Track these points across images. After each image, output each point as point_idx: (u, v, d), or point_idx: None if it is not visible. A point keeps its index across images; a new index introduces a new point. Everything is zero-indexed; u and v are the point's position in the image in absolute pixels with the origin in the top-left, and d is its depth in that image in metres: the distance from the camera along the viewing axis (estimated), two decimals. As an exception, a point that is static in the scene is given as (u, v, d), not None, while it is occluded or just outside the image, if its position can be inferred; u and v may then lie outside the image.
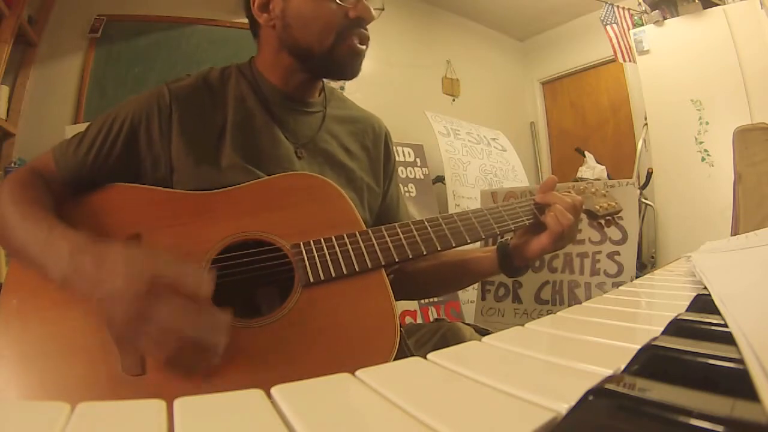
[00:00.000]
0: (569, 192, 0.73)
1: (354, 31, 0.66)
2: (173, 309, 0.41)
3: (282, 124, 0.69)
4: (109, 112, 0.65)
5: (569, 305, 0.60)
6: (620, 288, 0.46)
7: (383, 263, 0.56)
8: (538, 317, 0.32)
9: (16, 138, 1.92)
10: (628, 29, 2.85)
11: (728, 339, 0.20)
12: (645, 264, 2.69)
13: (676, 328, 0.25)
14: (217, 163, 0.63)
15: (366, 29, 0.68)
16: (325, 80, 0.76)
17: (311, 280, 0.52)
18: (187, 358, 0.42)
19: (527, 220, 0.68)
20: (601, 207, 0.75)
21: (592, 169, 3.09)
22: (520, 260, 0.71)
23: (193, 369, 0.44)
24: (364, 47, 0.68)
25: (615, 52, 2.90)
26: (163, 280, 0.42)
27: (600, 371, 0.20)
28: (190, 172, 0.62)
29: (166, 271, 0.43)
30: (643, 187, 2.69)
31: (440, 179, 2.70)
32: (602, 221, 0.77)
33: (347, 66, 0.68)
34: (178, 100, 0.64)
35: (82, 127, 0.66)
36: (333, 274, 0.53)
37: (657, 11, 2.68)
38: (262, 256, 0.55)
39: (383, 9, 0.70)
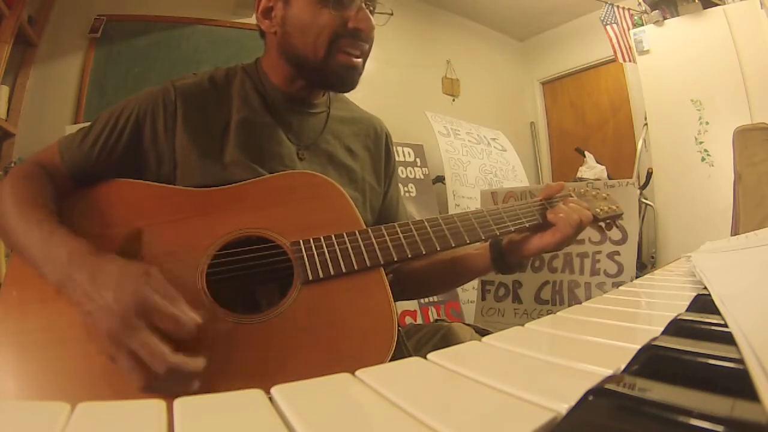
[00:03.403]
0: (571, 195, 0.74)
1: (351, 42, 0.65)
2: (153, 338, 0.41)
3: (285, 126, 0.70)
4: (114, 107, 0.65)
5: (569, 305, 0.60)
6: (620, 288, 0.46)
7: (382, 262, 0.56)
8: (538, 317, 0.32)
9: (16, 138, 1.92)
10: (628, 29, 2.85)
11: (728, 339, 0.20)
12: (645, 264, 2.69)
13: (676, 328, 0.25)
14: (221, 160, 0.63)
15: (366, 40, 0.67)
16: None
17: (310, 277, 0.53)
18: (159, 386, 0.42)
19: (527, 222, 0.69)
20: (602, 210, 0.75)
21: (592, 169, 3.09)
22: (514, 257, 0.71)
23: (168, 392, 0.43)
24: (359, 60, 0.67)
25: (615, 52, 2.89)
26: (151, 303, 0.42)
27: (600, 371, 0.20)
28: (193, 167, 0.62)
29: (156, 296, 0.43)
30: (643, 187, 2.69)
31: (440, 179, 2.70)
32: (603, 224, 0.77)
33: (341, 78, 0.67)
34: (183, 97, 0.65)
35: (81, 127, 0.66)
36: (332, 272, 0.53)
37: (657, 11, 2.68)
38: (262, 252, 0.55)
39: (392, 14, 0.70)
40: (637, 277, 0.70)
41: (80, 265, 0.46)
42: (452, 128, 2.75)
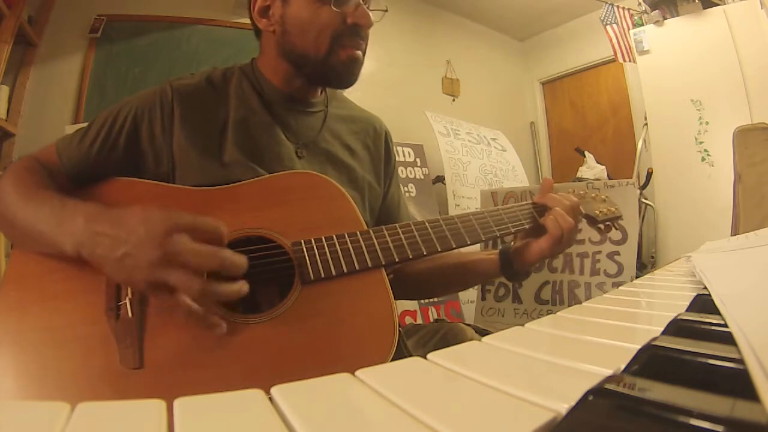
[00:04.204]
0: (569, 194, 0.74)
1: (351, 37, 0.65)
2: (196, 245, 0.44)
3: (283, 125, 0.70)
4: (112, 107, 0.65)
5: (569, 305, 0.60)
6: (620, 288, 0.46)
7: (383, 263, 0.56)
8: (538, 317, 0.32)
9: (16, 138, 1.92)
10: (628, 29, 2.85)
11: (728, 339, 0.20)
12: (645, 264, 2.69)
13: (676, 328, 0.25)
14: (220, 159, 0.63)
15: (364, 36, 0.67)
16: None
17: (311, 277, 0.53)
18: (213, 294, 0.45)
19: (527, 223, 0.69)
20: (600, 212, 0.75)
21: (592, 169, 3.09)
22: (521, 264, 0.71)
23: (219, 304, 0.47)
24: (360, 52, 0.67)
25: (615, 52, 2.89)
26: (181, 223, 0.45)
27: (600, 371, 0.20)
28: (192, 167, 0.62)
29: (184, 217, 0.46)
30: (643, 187, 2.69)
31: (440, 179, 2.70)
32: (602, 226, 0.76)
33: (343, 74, 0.67)
34: (180, 97, 0.65)
35: (81, 127, 0.66)
36: (333, 272, 0.53)
37: (657, 11, 2.68)
38: (263, 253, 0.55)
39: (386, 10, 0.70)
40: (637, 277, 0.70)
41: (100, 220, 0.48)
42: (452, 128, 2.75)
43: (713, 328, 0.24)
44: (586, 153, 3.20)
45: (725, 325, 0.23)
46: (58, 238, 0.49)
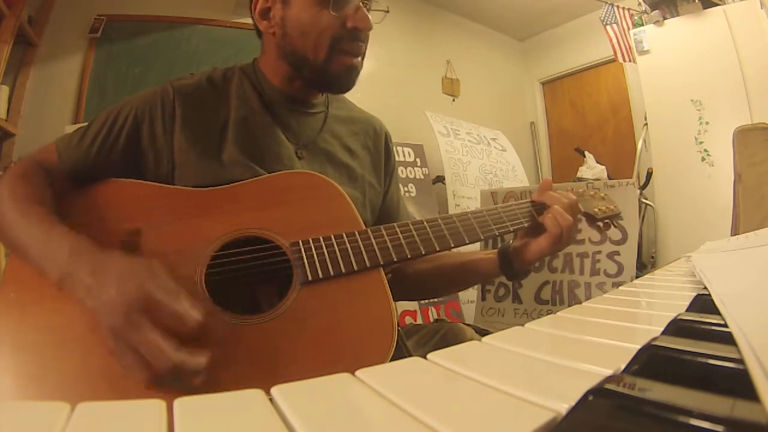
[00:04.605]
0: (568, 192, 0.74)
1: (351, 41, 0.65)
2: (153, 338, 0.40)
3: (284, 125, 0.70)
4: (112, 107, 0.65)
5: (569, 305, 0.60)
6: (620, 288, 0.46)
7: (382, 263, 0.56)
8: (538, 317, 0.32)
9: (16, 138, 1.92)
10: (628, 29, 2.85)
11: (728, 339, 0.20)
12: (645, 264, 2.69)
13: (676, 328, 0.25)
14: (219, 159, 0.63)
15: (364, 39, 0.67)
16: None
17: (309, 278, 0.53)
18: (161, 383, 0.41)
19: (526, 222, 0.69)
20: (599, 210, 0.75)
21: (592, 169, 3.09)
22: (520, 263, 0.71)
23: (170, 388, 0.42)
24: (358, 60, 0.67)
25: (615, 52, 2.90)
26: (154, 299, 0.41)
27: (600, 371, 0.20)
28: (192, 167, 0.62)
29: (159, 292, 0.42)
30: (643, 187, 2.69)
31: (440, 179, 2.70)
32: (601, 224, 0.76)
33: (340, 80, 0.67)
34: (181, 97, 0.65)
35: (81, 126, 0.66)
36: (331, 273, 0.53)
37: (657, 11, 2.68)
38: (262, 253, 0.55)
39: (387, 11, 0.70)
40: (637, 277, 0.70)
41: (81, 261, 0.46)
42: (452, 128, 2.75)
43: (713, 328, 0.24)
44: (586, 153, 3.20)
45: (725, 325, 0.23)
46: (44, 266, 0.48)
